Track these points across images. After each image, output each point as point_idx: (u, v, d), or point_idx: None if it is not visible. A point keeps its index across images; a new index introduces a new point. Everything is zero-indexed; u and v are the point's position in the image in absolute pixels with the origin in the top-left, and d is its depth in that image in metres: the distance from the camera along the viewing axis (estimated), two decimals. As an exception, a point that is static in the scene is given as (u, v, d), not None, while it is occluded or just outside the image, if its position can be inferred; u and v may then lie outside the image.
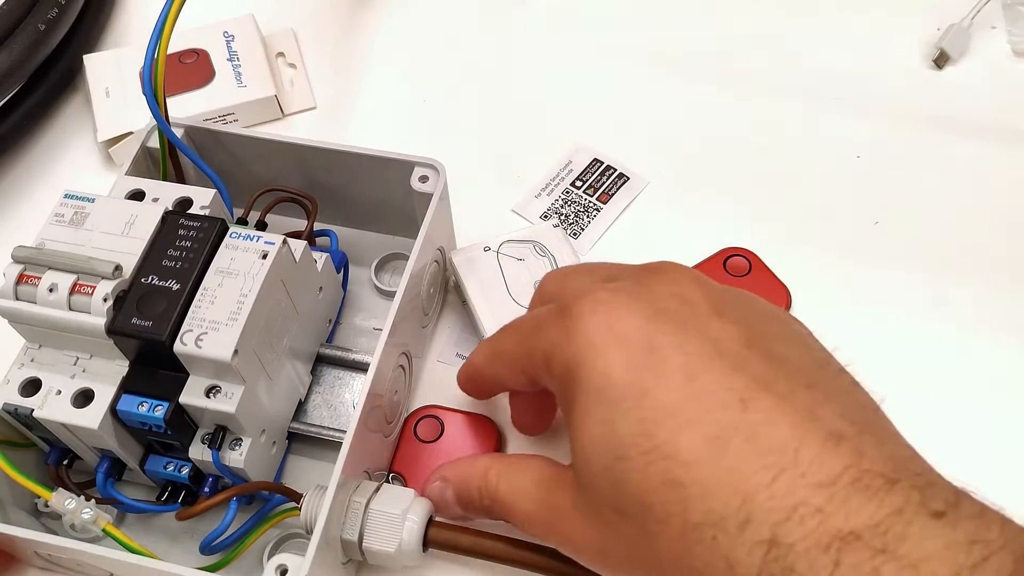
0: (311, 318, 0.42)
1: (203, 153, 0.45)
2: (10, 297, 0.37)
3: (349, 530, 0.37)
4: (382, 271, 0.48)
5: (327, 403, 0.43)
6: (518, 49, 0.59)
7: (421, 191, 0.43)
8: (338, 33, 0.60)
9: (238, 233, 0.38)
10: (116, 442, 0.37)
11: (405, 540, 0.37)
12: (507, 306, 0.45)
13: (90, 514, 0.36)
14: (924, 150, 0.53)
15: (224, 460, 0.38)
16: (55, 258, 0.37)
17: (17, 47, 0.51)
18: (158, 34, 0.40)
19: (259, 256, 0.38)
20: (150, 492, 0.42)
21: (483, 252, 0.46)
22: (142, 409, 0.37)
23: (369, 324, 0.47)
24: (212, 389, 0.37)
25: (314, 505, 0.37)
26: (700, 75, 0.57)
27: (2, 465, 0.37)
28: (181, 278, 0.37)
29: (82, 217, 0.39)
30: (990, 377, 0.46)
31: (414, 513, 0.38)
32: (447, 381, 0.45)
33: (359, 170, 0.45)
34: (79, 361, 0.38)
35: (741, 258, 0.49)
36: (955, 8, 0.57)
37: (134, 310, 0.36)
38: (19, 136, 0.54)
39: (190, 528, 0.42)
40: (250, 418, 0.38)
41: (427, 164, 0.43)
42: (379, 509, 0.38)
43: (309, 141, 0.44)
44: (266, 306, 0.37)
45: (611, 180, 0.53)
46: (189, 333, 0.36)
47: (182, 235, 0.38)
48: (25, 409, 0.37)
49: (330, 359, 0.44)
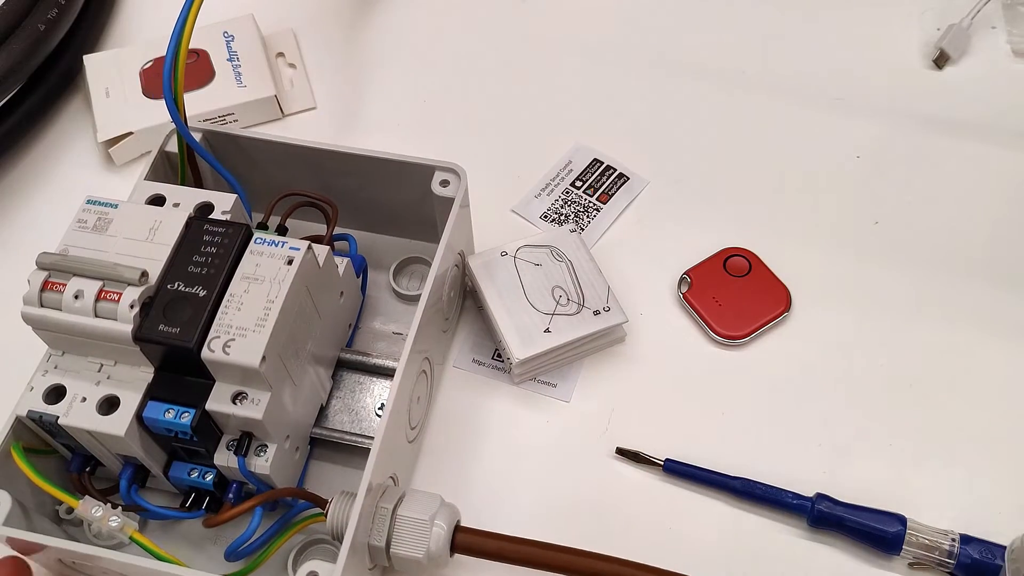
0: (333, 323, 0.42)
1: (219, 157, 0.44)
2: (35, 304, 0.36)
3: (376, 536, 0.37)
4: (400, 275, 0.48)
5: (348, 408, 0.43)
6: (518, 49, 0.59)
7: (442, 195, 0.43)
8: (338, 33, 0.60)
9: (263, 239, 0.38)
10: (141, 449, 0.37)
11: (433, 546, 0.37)
12: (524, 311, 0.45)
13: (117, 522, 0.36)
14: (924, 150, 0.54)
15: (250, 466, 0.38)
16: (80, 264, 0.37)
17: (17, 47, 0.51)
18: (177, 38, 0.40)
19: (284, 262, 0.38)
20: (172, 499, 0.41)
21: (500, 257, 0.47)
22: (168, 416, 0.36)
23: (388, 328, 0.47)
24: (239, 395, 0.37)
25: (341, 511, 0.37)
26: (700, 75, 0.57)
27: (29, 473, 0.37)
28: (207, 284, 0.37)
29: (105, 223, 0.38)
30: (990, 376, 0.46)
31: (441, 519, 0.38)
32: (464, 386, 0.46)
33: (377, 174, 0.44)
34: (103, 368, 0.38)
35: (741, 258, 0.49)
36: (955, 8, 0.57)
37: (161, 317, 0.36)
38: (19, 136, 0.54)
39: (212, 534, 0.41)
40: (276, 424, 0.38)
41: (448, 168, 0.43)
42: (406, 515, 0.38)
43: (328, 145, 0.44)
44: (292, 312, 0.37)
45: (611, 180, 0.53)
46: (216, 340, 0.36)
47: (207, 241, 0.38)
48: (50, 416, 0.37)
49: (351, 364, 0.44)
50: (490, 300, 0.45)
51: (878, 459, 0.44)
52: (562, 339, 0.44)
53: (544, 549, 0.38)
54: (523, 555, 0.38)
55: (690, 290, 0.48)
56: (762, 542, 0.42)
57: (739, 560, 0.41)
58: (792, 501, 0.42)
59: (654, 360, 0.47)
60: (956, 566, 0.40)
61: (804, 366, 0.46)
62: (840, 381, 0.46)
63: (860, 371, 0.46)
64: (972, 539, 0.40)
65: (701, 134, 0.55)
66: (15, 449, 0.37)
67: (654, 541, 0.41)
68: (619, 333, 0.47)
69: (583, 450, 0.44)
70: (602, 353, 0.47)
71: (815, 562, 0.41)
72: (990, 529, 0.41)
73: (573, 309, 0.45)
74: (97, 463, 0.40)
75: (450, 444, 0.45)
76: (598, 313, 0.45)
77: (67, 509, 0.41)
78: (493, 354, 0.47)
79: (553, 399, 0.46)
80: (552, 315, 0.45)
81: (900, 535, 0.40)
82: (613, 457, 0.44)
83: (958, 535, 0.40)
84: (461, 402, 0.46)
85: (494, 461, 0.44)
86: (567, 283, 0.46)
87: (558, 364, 0.46)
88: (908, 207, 0.52)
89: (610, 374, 0.46)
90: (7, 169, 0.54)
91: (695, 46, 0.58)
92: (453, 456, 0.44)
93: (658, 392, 0.46)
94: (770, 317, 0.47)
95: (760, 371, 0.46)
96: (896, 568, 0.41)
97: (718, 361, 0.47)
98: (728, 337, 0.47)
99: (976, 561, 0.40)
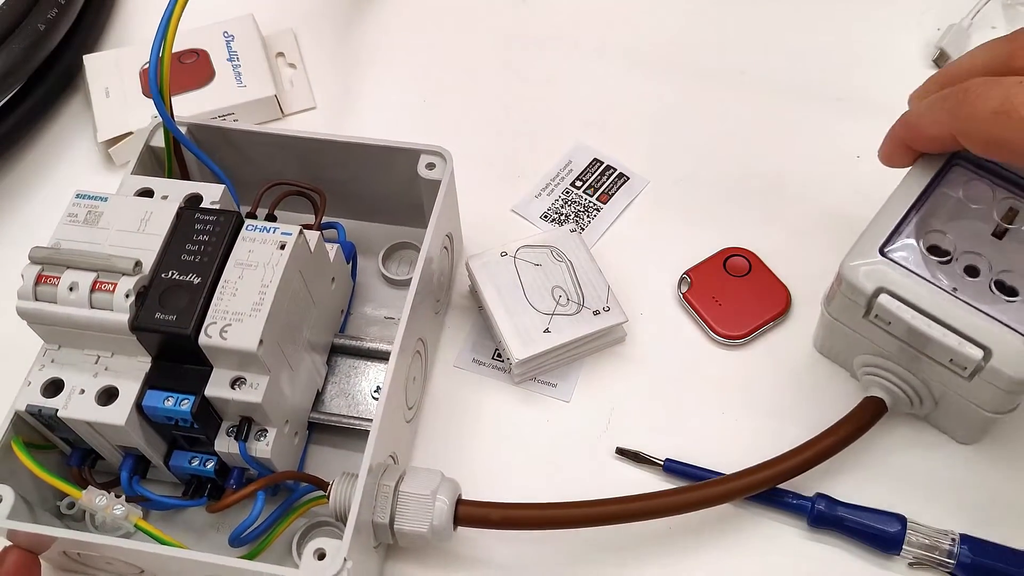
0: (326, 309, 0.43)
1: (205, 150, 0.45)
2: (30, 298, 0.37)
3: (380, 513, 0.38)
4: (389, 261, 0.49)
5: (344, 393, 0.44)
6: (518, 49, 0.59)
7: (429, 178, 0.43)
8: (338, 33, 0.59)
9: (254, 226, 0.39)
10: (142, 438, 0.38)
11: (436, 520, 0.38)
12: (524, 311, 0.45)
13: (122, 510, 0.36)
14: None
15: (251, 451, 0.38)
16: (74, 257, 0.37)
17: (17, 47, 0.51)
18: (163, 31, 0.40)
19: (277, 247, 0.38)
20: (173, 490, 0.42)
21: (500, 257, 0.46)
22: (168, 404, 0.37)
23: (380, 313, 0.47)
24: (237, 381, 0.37)
25: (343, 491, 0.38)
26: (701, 75, 0.57)
27: (30, 466, 0.37)
28: (201, 272, 0.37)
29: (96, 216, 0.39)
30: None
31: (443, 493, 0.38)
32: (464, 386, 0.46)
33: (364, 161, 0.45)
34: (100, 360, 0.38)
35: (741, 258, 0.49)
36: (955, 8, 0.57)
37: (157, 305, 0.36)
38: (19, 136, 0.54)
39: (215, 523, 0.42)
40: (275, 408, 0.38)
41: (434, 151, 0.44)
42: (409, 491, 0.38)
43: (314, 134, 0.44)
44: (286, 296, 0.38)
45: (611, 180, 0.53)
46: (213, 325, 0.36)
47: (198, 229, 0.38)
48: (49, 410, 0.37)
49: (345, 349, 0.44)
50: (490, 300, 0.45)
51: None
52: (562, 339, 0.44)
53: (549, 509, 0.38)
54: (529, 518, 0.39)
55: (690, 290, 0.48)
56: (762, 542, 0.42)
57: (739, 559, 0.41)
58: (792, 501, 0.42)
59: (654, 360, 0.47)
60: (956, 566, 0.40)
61: (804, 366, 0.46)
62: (840, 380, 0.46)
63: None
64: (972, 539, 0.40)
65: (701, 134, 0.55)
66: (16, 443, 0.37)
67: (654, 541, 0.42)
68: (619, 333, 0.47)
69: (583, 450, 0.44)
70: (602, 353, 0.47)
71: (815, 562, 0.41)
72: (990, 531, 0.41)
73: (573, 309, 0.45)
74: (97, 457, 0.40)
75: (450, 444, 0.45)
76: (598, 313, 0.45)
77: (68, 504, 0.41)
78: (493, 354, 0.47)
79: (553, 399, 0.46)
80: (552, 315, 0.45)
81: (900, 535, 0.40)
82: (613, 457, 0.44)
83: (958, 535, 0.40)
84: (461, 402, 0.46)
85: (493, 461, 0.44)
86: (567, 283, 0.46)
87: (558, 364, 0.46)
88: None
89: (610, 374, 0.46)
90: (7, 169, 0.54)
91: (695, 46, 0.58)
92: (453, 456, 0.44)
93: (658, 392, 0.46)
94: (770, 317, 0.47)
95: (760, 371, 0.46)
96: (896, 568, 0.41)
97: (718, 361, 0.47)
98: (728, 337, 0.46)
99: (976, 561, 0.39)
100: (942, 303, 0.38)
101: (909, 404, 0.42)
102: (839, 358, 0.45)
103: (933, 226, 0.40)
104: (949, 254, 0.39)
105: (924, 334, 0.38)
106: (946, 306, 0.38)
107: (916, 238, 0.39)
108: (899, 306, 0.38)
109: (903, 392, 0.41)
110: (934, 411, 0.43)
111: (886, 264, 0.39)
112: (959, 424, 0.42)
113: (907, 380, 0.41)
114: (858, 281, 0.39)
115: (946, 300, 0.38)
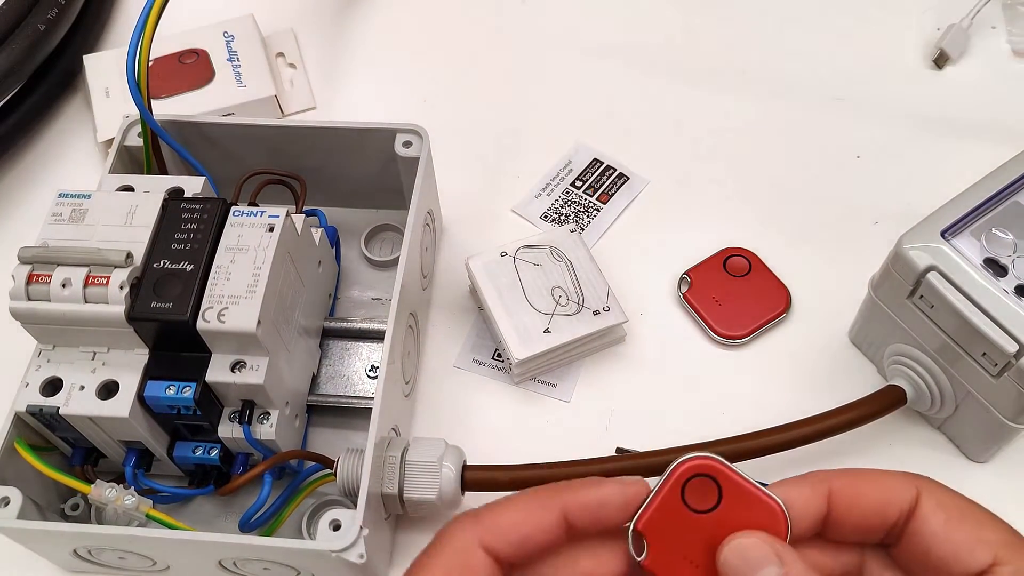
0: (315, 292, 0.43)
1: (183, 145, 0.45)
2: (22, 298, 0.37)
3: (388, 484, 0.38)
4: (372, 243, 0.49)
5: (339, 374, 0.44)
6: (518, 49, 0.59)
7: (407, 156, 0.44)
8: (338, 33, 0.59)
9: (241, 211, 0.39)
10: (147, 430, 0.38)
11: (444, 486, 0.38)
12: (524, 311, 0.45)
13: (132, 500, 0.36)
14: (924, 150, 0.54)
15: (255, 434, 0.39)
16: (63, 253, 0.37)
17: (17, 47, 0.51)
18: (142, 25, 0.40)
19: (266, 229, 0.38)
20: (177, 482, 0.42)
21: (500, 257, 0.46)
22: (170, 392, 0.37)
23: (367, 295, 0.48)
24: (237, 364, 0.37)
25: (349, 466, 0.38)
26: (700, 75, 0.57)
27: (35, 464, 0.37)
28: (193, 259, 0.37)
29: (81, 213, 0.39)
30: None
31: (449, 460, 0.39)
32: (464, 386, 0.46)
33: (342, 145, 0.45)
34: (97, 355, 0.38)
35: (741, 258, 0.49)
36: (955, 8, 0.57)
37: (152, 294, 0.37)
38: (19, 136, 0.54)
39: (223, 510, 0.42)
40: (276, 389, 0.39)
41: (409, 130, 0.44)
42: (415, 460, 0.39)
43: (292, 122, 0.45)
44: (279, 277, 0.38)
45: (611, 180, 0.53)
46: (210, 310, 0.36)
47: (186, 218, 0.39)
48: (50, 408, 0.37)
49: (336, 332, 0.45)
50: (490, 300, 0.45)
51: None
52: (562, 339, 0.44)
53: (556, 467, 0.39)
54: (536, 478, 0.39)
55: (690, 290, 0.48)
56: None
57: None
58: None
59: (654, 360, 0.47)
60: None
61: (804, 366, 0.47)
62: (840, 380, 0.46)
63: (859, 368, 0.46)
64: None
65: (701, 134, 0.55)
66: (19, 443, 0.37)
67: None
68: (619, 333, 0.47)
69: (583, 450, 0.43)
70: (602, 353, 0.47)
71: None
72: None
73: (573, 309, 0.45)
74: (99, 456, 0.40)
75: (450, 444, 0.44)
76: (598, 313, 0.45)
77: (72, 506, 0.41)
78: (493, 354, 0.47)
79: (553, 399, 0.46)
80: (552, 315, 0.45)
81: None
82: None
83: None
84: (461, 402, 0.46)
85: (493, 461, 0.43)
86: (567, 283, 0.46)
87: (558, 364, 0.46)
88: (908, 207, 0.50)
89: (610, 374, 0.46)
90: (7, 169, 0.54)
91: (695, 46, 0.58)
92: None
93: (658, 392, 0.46)
94: (770, 317, 0.47)
95: (760, 371, 0.46)
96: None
97: (718, 361, 0.47)
98: (728, 337, 0.47)
99: None
100: (987, 294, 0.38)
101: (929, 402, 0.42)
102: (871, 348, 0.45)
103: (997, 228, 0.40)
104: (1006, 270, 0.39)
105: (965, 318, 0.38)
106: (991, 298, 0.38)
107: (978, 236, 0.40)
108: (947, 286, 0.38)
109: (927, 387, 0.42)
110: (951, 417, 0.43)
111: (943, 246, 0.39)
112: (974, 434, 0.43)
113: (934, 375, 0.41)
114: (912, 257, 0.40)
115: (992, 292, 0.38)
